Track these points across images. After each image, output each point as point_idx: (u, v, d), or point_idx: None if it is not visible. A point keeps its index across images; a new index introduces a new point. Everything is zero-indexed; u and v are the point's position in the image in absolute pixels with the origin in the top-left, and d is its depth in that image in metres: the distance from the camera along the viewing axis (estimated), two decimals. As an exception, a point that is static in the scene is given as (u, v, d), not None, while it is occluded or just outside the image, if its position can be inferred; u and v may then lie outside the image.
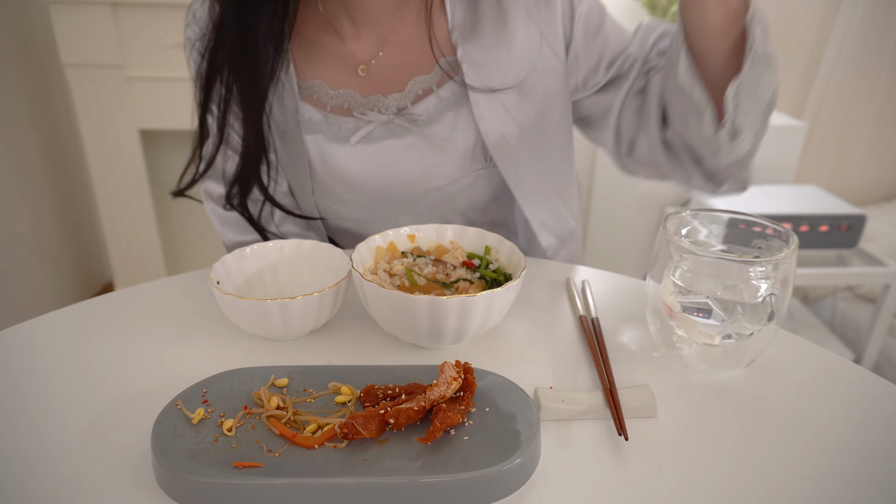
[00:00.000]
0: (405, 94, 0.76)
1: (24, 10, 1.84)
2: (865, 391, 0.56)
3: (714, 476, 0.46)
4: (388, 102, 0.76)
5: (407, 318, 0.55)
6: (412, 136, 0.76)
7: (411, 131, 0.76)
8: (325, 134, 0.77)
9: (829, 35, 2.09)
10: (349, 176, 0.78)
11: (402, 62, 0.76)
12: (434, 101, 0.76)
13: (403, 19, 0.75)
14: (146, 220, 1.90)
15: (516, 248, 0.63)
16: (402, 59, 0.76)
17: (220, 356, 0.58)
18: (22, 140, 1.86)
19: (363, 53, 0.76)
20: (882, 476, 0.46)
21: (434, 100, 0.76)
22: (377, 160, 0.77)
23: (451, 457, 0.43)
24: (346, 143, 0.77)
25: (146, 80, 1.72)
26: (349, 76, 0.76)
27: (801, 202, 1.73)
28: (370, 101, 0.76)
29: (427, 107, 0.76)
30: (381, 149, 0.77)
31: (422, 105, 0.76)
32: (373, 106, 0.76)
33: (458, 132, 0.76)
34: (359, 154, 0.77)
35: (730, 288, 0.53)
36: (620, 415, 0.50)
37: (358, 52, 0.76)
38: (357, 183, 0.78)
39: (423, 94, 0.76)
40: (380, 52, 0.76)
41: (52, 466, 0.45)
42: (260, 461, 0.43)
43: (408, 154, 0.77)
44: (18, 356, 0.58)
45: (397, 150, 0.77)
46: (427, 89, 0.76)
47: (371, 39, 0.76)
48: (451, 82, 0.75)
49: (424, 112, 0.76)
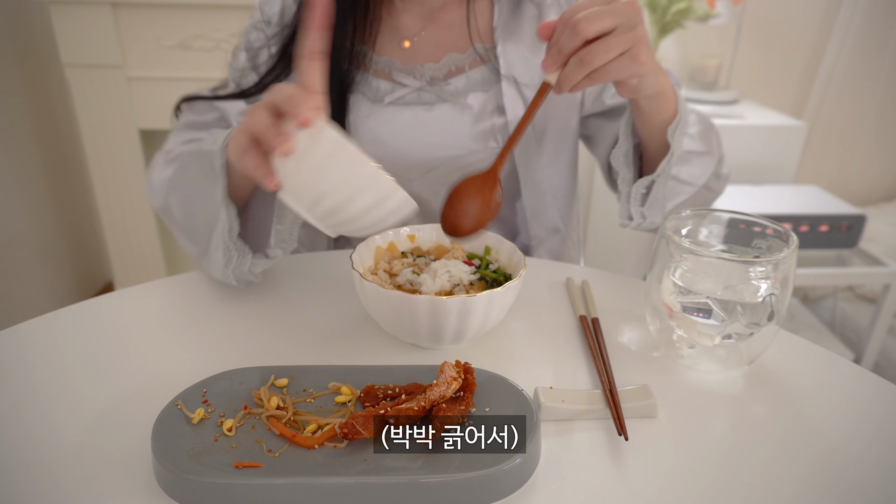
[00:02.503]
0: (439, 66, 0.82)
1: (24, 10, 1.84)
2: (865, 391, 0.56)
3: (714, 476, 0.46)
4: (424, 71, 0.83)
5: (407, 318, 0.55)
6: (440, 105, 0.82)
7: (440, 100, 0.82)
8: (364, 93, 0.83)
9: (829, 35, 2.09)
10: (376, 134, 0.82)
11: (442, 40, 0.83)
12: (464, 81, 0.82)
13: (450, 4, 0.83)
14: (146, 220, 1.90)
15: (516, 248, 0.63)
16: (442, 38, 0.83)
17: (220, 356, 0.58)
18: (22, 140, 1.85)
19: (409, 28, 0.84)
20: (882, 476, 0.46)
21: (464, 79, 0.82)
22: (405, 122, 0.82)
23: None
24: (380, 103, 0.82)
25: (146, 80, 1.72)
26: (393, 46, 0.84)
27: (801, 202, 1.73)
28: (408, 68, 0.83)
29: (457, 84, 0.82)
30: (411, 113, 0.82)
31: (453, 80, 0.82)
32: (409, 73, 0.83)
33: (483, 112, 0.82)
34: (390, 114, 0.82)
35: (730, 288, 0.53)
36: (620, 415, 0.50)
37: (404, 27, 0.83)
38: (383, 141, 0.82)
39: (455, 70, 0.83)
40: (423, 31, 0.83)
41: (53, 466, 0.45)
42: (260, 461, 0.43)
43: (433, 120, 0.82)
44: (18, 356, 0.58)
45: (424, 116, 0.82)
46: (460, 67, 0.83)
47: (418, 17, 0.83)
48: (482, 66, 0.82)
49: (454, 88, 0.82)
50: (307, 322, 0.64)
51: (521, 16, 0.82)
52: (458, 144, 0.82)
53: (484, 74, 0.82)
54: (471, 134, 0.82)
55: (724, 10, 1.88)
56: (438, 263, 0.61)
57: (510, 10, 0.82)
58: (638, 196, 0.73)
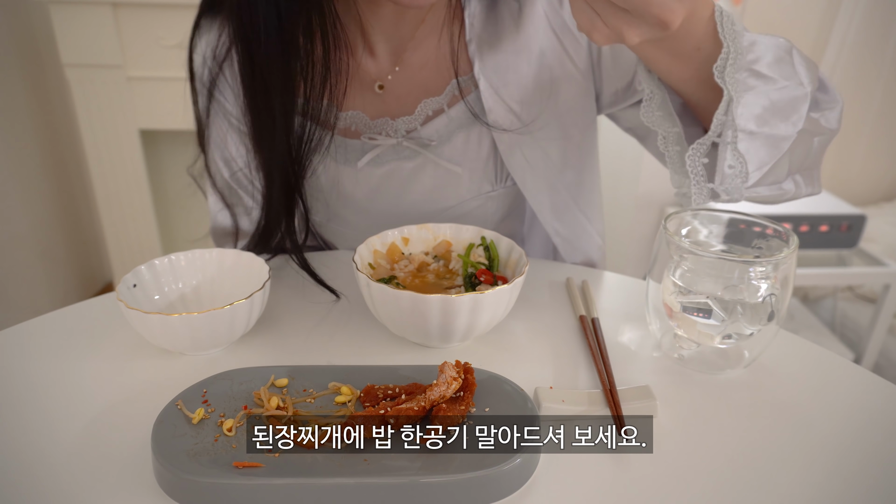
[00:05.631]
0: (414, 118, 0.73)
1: (24, 10, 1.84)
2: (865, 391, 0.56)
3: (714, 476, 0.46)
4: (397, 125, 0.73)
5: (418, 318, 0.55)
6: (421, 157, 0.74)
7: (420, 153, 0.74)
8: (332, 156, 0.74)
9: (829, 35, 2.09)
10: (355, 198, 0.76)
11: (415, 83, 0.73)
12: (444, 122, 0.73)
13: (420, 37, 0.73)
14: (146, 220, 1.90)
15: (514, 244, 0.63)
16: (415, 80, 0.73)
17: (221, 356, 0.58)
18: (22, 140, 1.85)
19: (377, 71, 0.74)
20: (882, 476, 0.46)
21: (445, 119, 0.73)
22: (385, 182, 0.75)
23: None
24: (353, 166, 0.75)
25: (146, 80, 1.72)
26: (358, 97, 0.74)
27: (801, 202, 1.72)
28: (378, 123, 0.73)
29: (437, 127, 0.73)
30: (390, 171, 0.75)
31: (432, 125, 0.73)
32: (381, 129, 0.73)
33: (471, 151, 0.74)
34: (366, 177, 0.75)
35: (730, 288, 0.53)
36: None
37: (371, 70, 0.74)
38: (363, 205, 0.77)
39: (433, 114, 0.73)
40: (396, 68, 0.73)
41: (53, 466, 0.45)
42: (260, 461, 0.43)
43: (417, 176, 0.75)
44: (18, 356, 0.58)
45: (406, 173, 0.75)
46: (437, 110, 0.73)
47: (385, 56, 0.73)
48: (462, 102, 0.72)
49: (434, 133, 0.73)
50: (307, 322, 0.64)
51: (498, 18, 0.71)
52: (449, 196, 0.76)
53: (466, 109, 0.72)
54: (461, 182, 0.75)
55: (724, 10, 1.88)
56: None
57: (483, 18, 0.71)
58: (698, 167, 0.55)
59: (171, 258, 0.62)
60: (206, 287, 0.64)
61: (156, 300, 0.61)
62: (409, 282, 0.62)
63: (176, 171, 1.99)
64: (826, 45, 2.10)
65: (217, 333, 0.56)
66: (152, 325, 0.53)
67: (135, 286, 0.59)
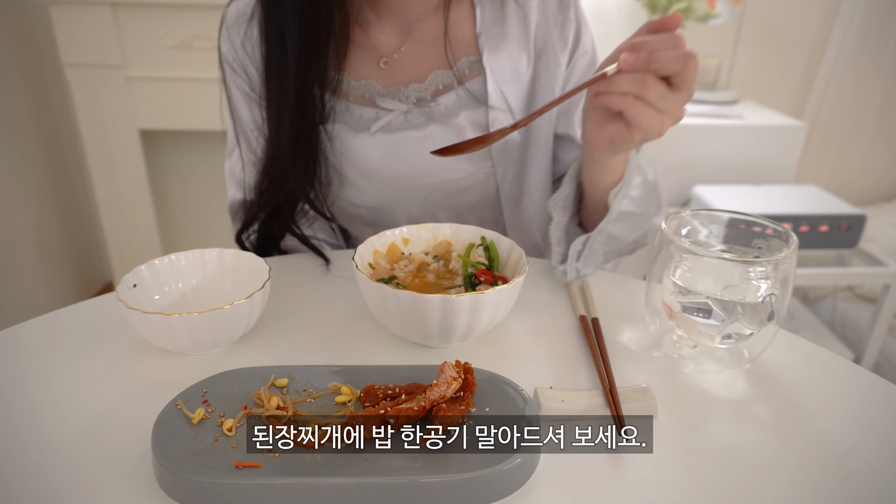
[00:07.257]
0: (425, 86, 0.78)
1: (24, 10, 1.84)
2: (865, 391, 0.56)
3: (714, 476, 0.46)
4: (408, 93, 0.78)
5: (418, 318, 0.55)
6: (431, 126, 0.78)
7: (430, 122, 0.78)
8: (347, 123, 0.78)
9: (829, 35, 2.09)
10: (367, 164, 0.79)
11: (424, 56, 0.78)
12: (454, 98, 0.78)
13: (429, 15, 0.78)
14: (146, 220, 1.90)
15: (515, 244, 0.63)
16: (424, 53, 0.78)
17: (221, 356, 0.58)
18: (22, 140, 1.85)
19: (386, 46, 0.78)
20: (882, 476, 0.46)
21: (454, 96, 0.78)
22: (396, 149, 0.79)
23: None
24: (366, 132, 0.78)
25: (146, 80, 1.72)
26: (371, 67, 0.79)
27: (801, 202, 1.73)
28: (391, 91, 0.78)
29: (447, 102, 0.78)
30: (400, 138, 0.78)
31: (442, 99, 0.78)
32: (393, 96, 0.78)
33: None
34: (378, 143, 0.78)
35: (730, 288, 0.53)
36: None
37: (381, 45, 0.78)
38: (374, 171, 0.79)
39: (443, 88, 0.78)
40: (402, 47, 0.78)
41: (53, 466, 0.45)
42: (260, 461, 0.43)
43: (426, 144, 0.78)
44: (18, 356, 0.58)
45: (416, 140, 0.78)
46: (448, 85, 0.78)
47: (394, 32, 0.78)
48: (472, 80, 0.78)
49: (443, 107, 0.78)
50: (307, 322, 0.64)
51: (506, 17, 0.78)
52: (455, 167, 0.79)
53: (474, 89, 0.78)
54: (466, 155, 0.78)
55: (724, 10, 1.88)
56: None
57: (493, 13, 0.78)
58: (574, 252, 0.70)
59: (171, 258, 0.62)
60: (207, 287, 0.64)
61: (156, 300, 0.61)
62: (409, 282, 0.62)
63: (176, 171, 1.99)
64: (826, 45, 2.10)
65: (217, 333, 0.56)
66: (152, 325, 0.53)
67: (135, 286, 0.59)
